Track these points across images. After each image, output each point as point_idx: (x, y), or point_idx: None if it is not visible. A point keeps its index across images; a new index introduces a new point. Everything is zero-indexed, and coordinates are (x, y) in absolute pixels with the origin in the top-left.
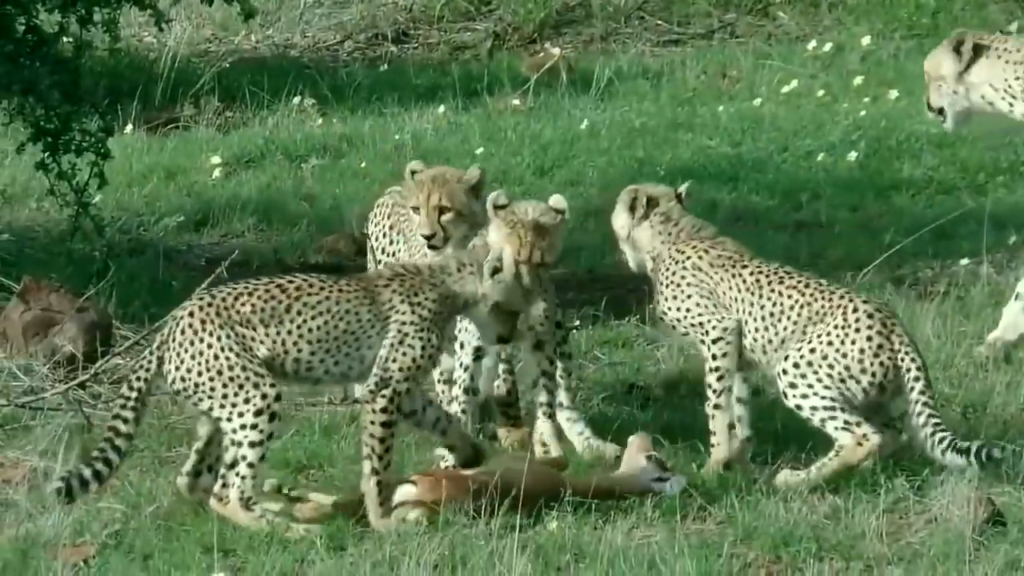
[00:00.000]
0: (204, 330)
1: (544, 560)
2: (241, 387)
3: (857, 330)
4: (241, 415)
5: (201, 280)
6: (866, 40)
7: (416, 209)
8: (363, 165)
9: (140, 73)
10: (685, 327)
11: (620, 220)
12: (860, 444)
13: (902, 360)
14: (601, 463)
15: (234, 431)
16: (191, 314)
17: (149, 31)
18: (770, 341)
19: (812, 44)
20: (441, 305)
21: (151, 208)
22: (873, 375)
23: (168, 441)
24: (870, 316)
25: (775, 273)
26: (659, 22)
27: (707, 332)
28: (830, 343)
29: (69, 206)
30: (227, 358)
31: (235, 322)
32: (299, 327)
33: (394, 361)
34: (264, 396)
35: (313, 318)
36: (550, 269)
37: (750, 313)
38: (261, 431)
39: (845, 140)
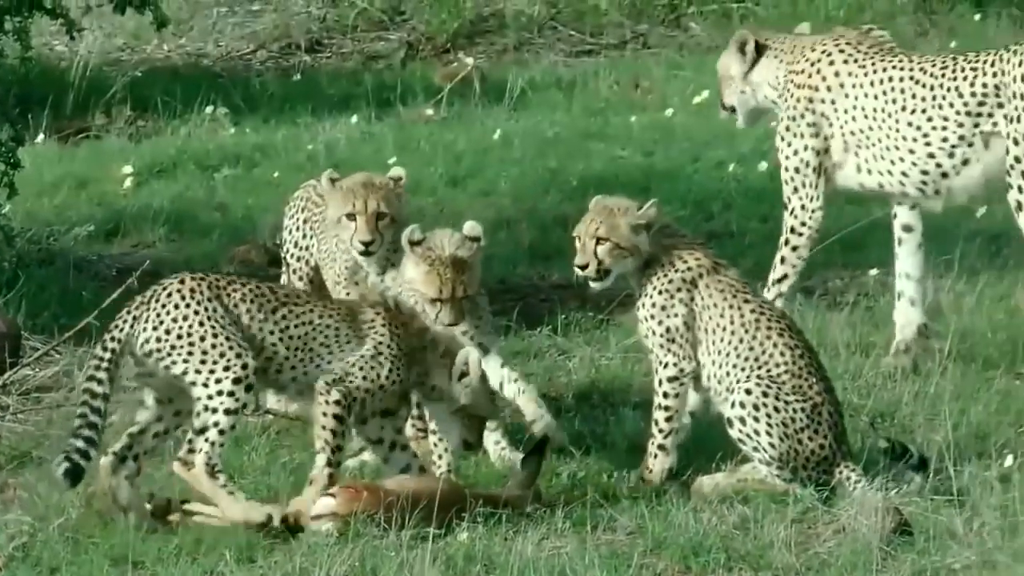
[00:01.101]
0: (192, 297)
1: (454, 571)
2: (223, 355)
3: (817, 430)
4: (219, 381)
5: (112, 290)
6: None
7: (351, 216)
8: (276, 175)
9: (51, 82)
10: (651, 341)
11: (636, 237)
12: (787, 493)
13: (840, 472)
14: (513, 473)
15: (210, 397)
16: (182, 282)
17: (60, 40)
18: (737, 380)
19: None
20: (414, 354)
21: (62, 218)
22: (816, 464)
23: None
24: (831, 428)
25: (776, 322)
26: (572, 32)
27: (665, 365)
28: (793, 420)
29: None
30: (213, 326)
31: (224, 303)
32: (282, 331)
33: (360, 369)
34: (244, 366)
35: (296, 327)
36: (473, 298)
37: (735, 349)
38: (237, 399)
39: (756, 150)
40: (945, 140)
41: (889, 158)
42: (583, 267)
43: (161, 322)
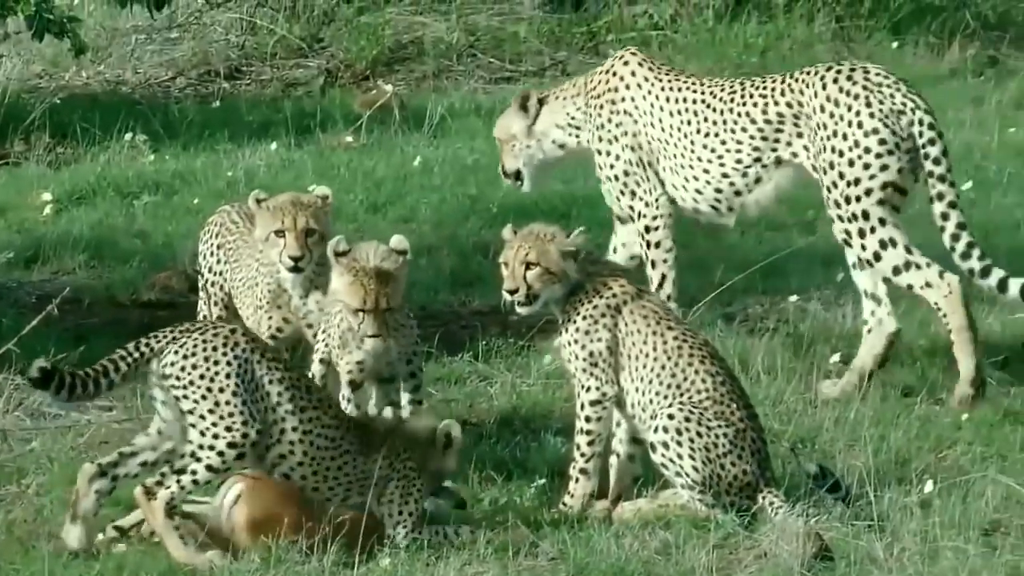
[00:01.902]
0: (233, 350)
1: None
2: (231, 415)
3: (740, 456)
4: (216, 437)
5: (31, 317)
6: None
7: (280, 233)
8: (196, 202)
9: None
10: (574, 365)
11: (564, 263)
12: (708, 518)
13: (763, 497)
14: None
15: (200, 447)
16: (233, 331)
17: None
18: (660, 407)
19: None
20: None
21: None
22: (738, 490)
23: None
24: (754, 453)
25: (699, 349)
26: (491, 60)
27: (587, 389)
28: (716, 445)
29: None
30: (237, 384)
31: (261, 374)
32: (305, 434)
33: (404, 510)
34: (245, 435)
35: (319, 436)
36: (396, 311)
37: (658, 376)
38: (224, 462)
39: None
40: (739, 162)
41: (683, 175)
42: (513, 292)
43: (193, 354)
